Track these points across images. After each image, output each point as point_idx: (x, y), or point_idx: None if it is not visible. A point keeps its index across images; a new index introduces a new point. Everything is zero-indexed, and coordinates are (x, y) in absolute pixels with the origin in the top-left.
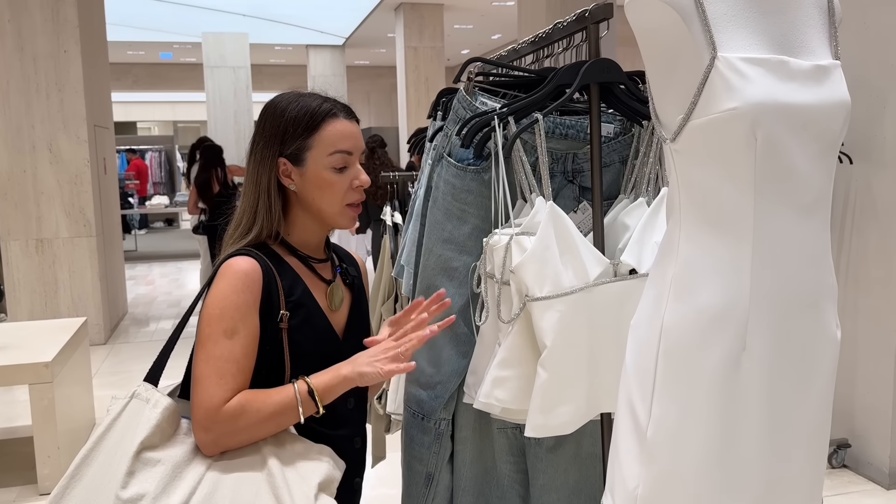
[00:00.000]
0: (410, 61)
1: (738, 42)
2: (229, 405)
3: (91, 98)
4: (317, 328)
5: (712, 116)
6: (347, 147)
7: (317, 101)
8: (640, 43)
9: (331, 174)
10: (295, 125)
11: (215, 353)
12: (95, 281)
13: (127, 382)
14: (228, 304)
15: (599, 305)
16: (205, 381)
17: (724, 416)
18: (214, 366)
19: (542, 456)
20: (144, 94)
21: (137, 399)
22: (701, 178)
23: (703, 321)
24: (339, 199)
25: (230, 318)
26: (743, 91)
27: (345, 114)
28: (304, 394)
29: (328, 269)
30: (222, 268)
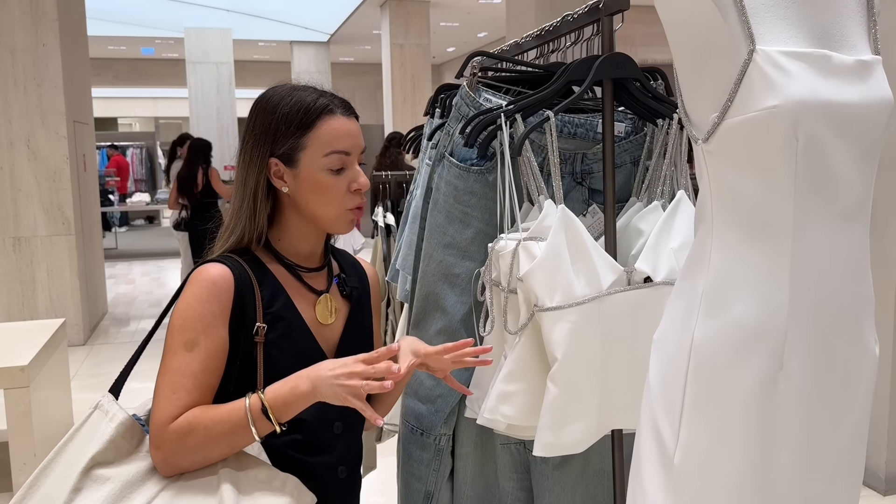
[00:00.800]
0: (396, 58)
1: (778, 35)
2: (177, 422)
3: (70, 93)
4: (298, 344)
5: (750, 115)
6: (345, 147)
7: (312, 95)
8: (669, 36)
9: (326, 176)
10: (287, 122)
11: (172, 365)
12: (74, 280)
13: (107, 385)
14: (191, 315)
15: (612, 316)
16: (158, 395)
17: (760, 441)
18: (170, 379)
19: (548, 473)
20: (125, 90)
21: (99, 410)
22: (736, 181)
23: (737, 337)
24: (335, 204)
25: (191, 329)
26: (784, 88)
27: (342, 110)
28: (255, 410)
29: (322, 278)
30: (192, 275)
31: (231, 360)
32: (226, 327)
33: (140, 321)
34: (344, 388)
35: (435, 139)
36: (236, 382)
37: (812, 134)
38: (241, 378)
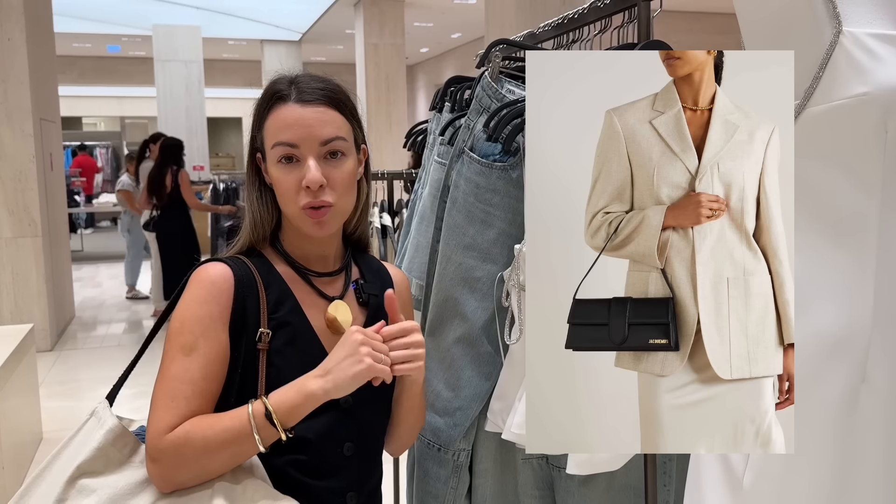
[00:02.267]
0: (371, 58)
1: (864, 14)
2: (175, 432)
3: (37, 90)
4: (304, 352)
5: (836, 103)
6: (289, 138)
7: (278, 82)
8: (740, 14)
9: (277, 170)
10: (256, 114)
11: (170, 371)
12: (41, 284)
13: (75, 392)
14: (189, 317)
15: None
16: (155, 403)
17: (841, 461)
18: (167, 386)
19: (574, 490)
20: (91, 89)
21: (94, 417)
22: (817, 176)
23: (817, 347)
24: (291, 201)
25: (189, 332)
26: (874, 73)
27: (298, 97)
28: (259, 416)
29: (337, 284)
30: (191, 276)
31: (232, 366)
32: (226, 331)
33: (109, 325)
34: (363, 363)
35: (448, 134)
36: (238, 392)
37: None
38: (243, 387)
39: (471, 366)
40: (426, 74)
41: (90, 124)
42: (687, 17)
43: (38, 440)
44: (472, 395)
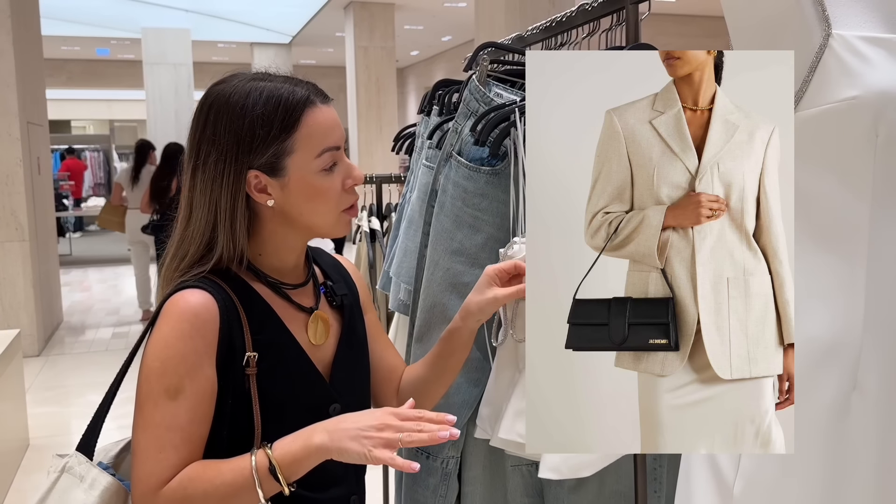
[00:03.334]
0: (361, 61)
1: (853, 18)
2: (170, 486)
3: (24, 93)
4: (294, 372)
5: (825, 107)
6: (336, 141)
7: (284, 86)
8: (729, 16)
9: (321, 179)
10: (266, 125)
11: (155, 418)
12: (28, 288)
13: (63, 398)
14: (172, 355)
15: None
16: (142, 455)
17: (832, 467)
18: (153, 435)
19: (564, 497)
20: (79, 92)
21: (69, 475)
22: (807, 180)
23: (809, 353)
24: (333, 208)
25: (173, 372)
26: (864, 77)
27: (322, 98)
28: (262, 469)
29: (308, 294)
30: (167, 305)
31: (221, 400)
32: (213, 365)
33: (97, 330)
34: (373, 441)
35: (435, 138)
36: (230, 423)
37: (893, 128)
38: (235, 417)
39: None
40: (416, 77)
41: (79, 127)
42: (677, 19)
43: (24, 446)
44: (461, 401)
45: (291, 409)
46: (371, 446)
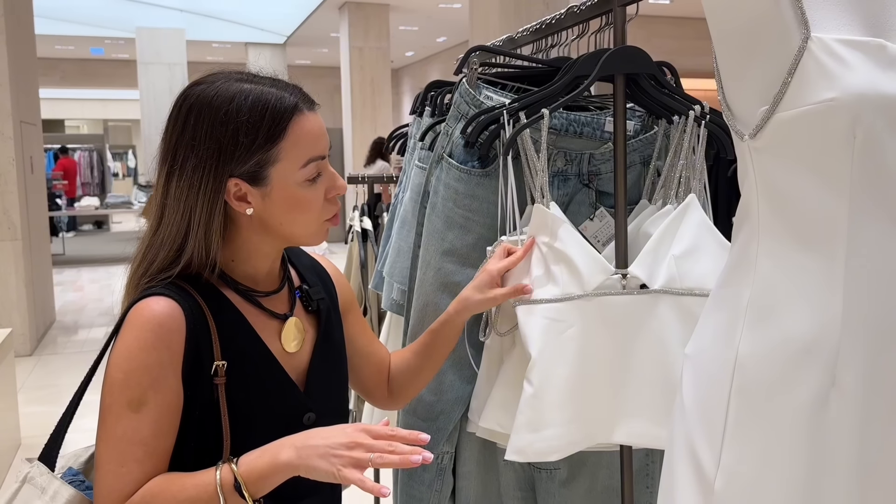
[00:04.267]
0: (356, 62)
1: (831, 21)
2: (132, 501)
3: (17, 92)
4: (266, 381)
5: (804, 109)
6: (322, 150)
7: (272, 90)
8: (711, 21)
9: (304, 190)
10: (251, 133)
11: (117, 431)
12: (21, 288)
13: (55, 397)
14: (135, 367)
15: (598, 319)
16: (103, 468)
17: (810, 464)
18: (115, 449)
19: (555, 491)
20: (73, 91)
21: (31, 485)
22: (786, 181)
23: (788, 352)
24: (315, 218)
25: (136, 384)
26: (842, 79)
27: (308, 104)
28: (227, 485)
29: (283, 300)
30: (131, 313)
31: (188, 411)
32: (178, 377)
33: (90, 330)
34: (343, 460)
35: (427, 140)
36: (196, 435)
37: (870, 130)
38: (203, 428)
39: (452, 370)
40: (411, 78)
41: (73, 127)
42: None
43: (16, 446)
44: (454, 398)
45: (262, 419)
46: (340, 465)
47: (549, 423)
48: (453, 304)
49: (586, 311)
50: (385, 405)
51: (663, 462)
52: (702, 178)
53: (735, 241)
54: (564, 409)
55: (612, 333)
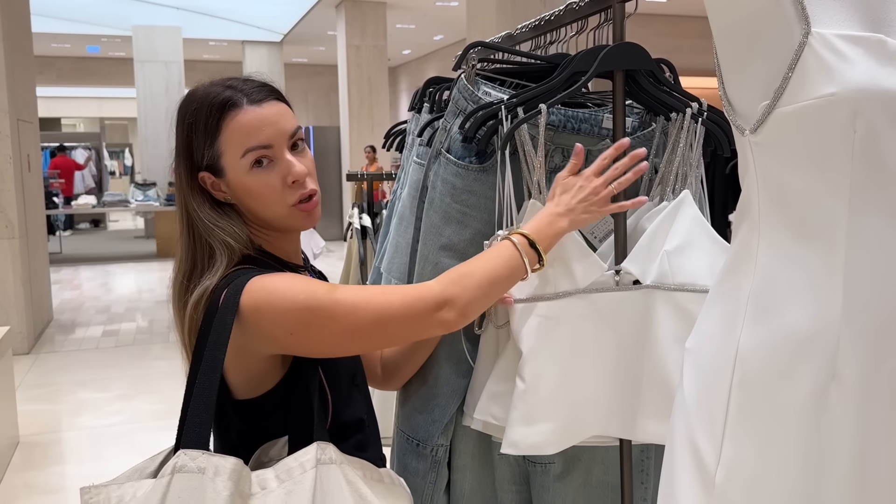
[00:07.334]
0: (353, 60)
1: (832, 16)
2: (443, 277)
3: (14, 90)
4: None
5: (804, 104)
6: (260, 141)
7: (215, 90)
8: (712, 16)
9: (254, 178)
10: (196, 131)
11: (356, 294)
12: (18, 286)
13: (53, 395)
14: (296, 284)
15: (592, 315)
16: (391, 306)
17: (811, 457)
18: (371, 293)
19: (549, 485)
20: (69, 89)
21: (184, 474)
22: (787, 176)
23: (789, 346)
24: (277, 203)
25: (314, 286)
26: (843, 74)
27: (249, 99)
28: (524, 245)
29: (308, 277)
30: (246, 292)
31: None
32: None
33: (87, 328)
34: (599, 202)
35: (425, 136)
36: (296, 389)
37: (870, 125)
38: (300, 383)
39: (448, 362)
40: (408, 76)
41: (69, 125)
42: (668, 20)
43: (14, 444)
44: (449, 391)
45: (341, 376)
46: (597, 209)
47: (542, 417)
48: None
49: (579, 308)
50: (380, 386)
51: (664, 456)
52: (699, 175)
53: (736, 235)
54: (557, 404)
55: (605, 329)
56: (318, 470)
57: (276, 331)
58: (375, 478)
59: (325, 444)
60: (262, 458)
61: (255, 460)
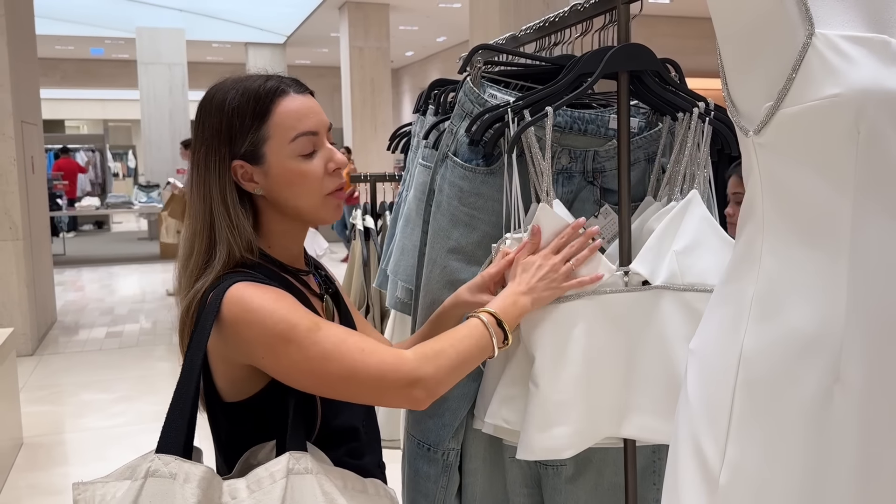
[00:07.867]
0: (356, 61)
1: (835, 17)
2: (414, 351)
3: (18, 92)
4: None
5: (808, 104)
6: (310, 126)
7: (258, 80)
8: (715, 17)
9: (299, 163)
10: (240, 116)
11: (332, 342)
12: (22, 287)
13: (57, 397)
14: (282, 305)
15: (602, 317)
16: (359, 362)
17: (814, 459)
18: (346, 348)
19: (561, 488)
20: (73, 91)
21: (156, 479)
22: (790, 177)
23: (793, 347)
24: (316, 190)
25: (298, 317)
26: (847, 75)
27: (295, 88)
28: (492, 324)
29: (312, 281)
30: (227, 298)
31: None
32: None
33: (91, 330)
34: (559, 279)
35: (432, 138)
36: (291, 395)
37: (874, 126)
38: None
39: None
40: (411, 78)
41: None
42: (672, 21)
43: (18, 445)
44: (460, 395)
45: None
46: (560, 285)
47: (556, 421)
48: (450, 298)
49: (589, 310)
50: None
51: (668, 456)
52: (706, 174)
53: (739, 236)
54: (571, 408)
55: (615, 330)
56: (290, 480)
57: (249, 348)
58: (358, 488)
59: (299, 453)
60: (250, 460)
61: (244, 462)
